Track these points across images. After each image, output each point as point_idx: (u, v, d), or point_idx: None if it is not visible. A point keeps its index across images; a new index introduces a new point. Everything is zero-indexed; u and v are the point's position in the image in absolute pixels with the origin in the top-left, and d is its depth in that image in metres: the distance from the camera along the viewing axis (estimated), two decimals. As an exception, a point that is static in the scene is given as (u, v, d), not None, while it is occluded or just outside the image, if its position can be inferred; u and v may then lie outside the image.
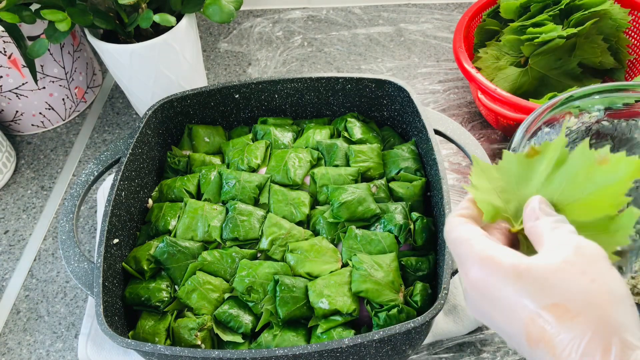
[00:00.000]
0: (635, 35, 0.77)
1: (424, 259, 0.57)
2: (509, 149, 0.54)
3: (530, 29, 0.72)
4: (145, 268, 0.58)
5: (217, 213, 0.62)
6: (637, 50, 0.77)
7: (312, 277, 0.56)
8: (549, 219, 0.33)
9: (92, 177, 0.62)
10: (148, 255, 0.59)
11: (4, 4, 0.64)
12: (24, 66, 0.75)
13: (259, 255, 0.60)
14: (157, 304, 0.56)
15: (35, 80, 0.76)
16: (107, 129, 0.87)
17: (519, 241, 0.36)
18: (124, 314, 0.56)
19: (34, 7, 0.68)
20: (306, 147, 0.69)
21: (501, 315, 0.31)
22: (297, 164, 0.65)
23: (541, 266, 0.30)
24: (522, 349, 0.31)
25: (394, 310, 0.51)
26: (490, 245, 0.33)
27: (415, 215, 0.60)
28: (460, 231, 0.34)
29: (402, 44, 0.97)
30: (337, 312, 0.52)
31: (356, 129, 0.70)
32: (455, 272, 0.50)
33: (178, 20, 0.72)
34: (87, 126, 0.87)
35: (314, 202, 0.64)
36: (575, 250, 0.30)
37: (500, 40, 0.78)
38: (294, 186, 0.65)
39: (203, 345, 0.53)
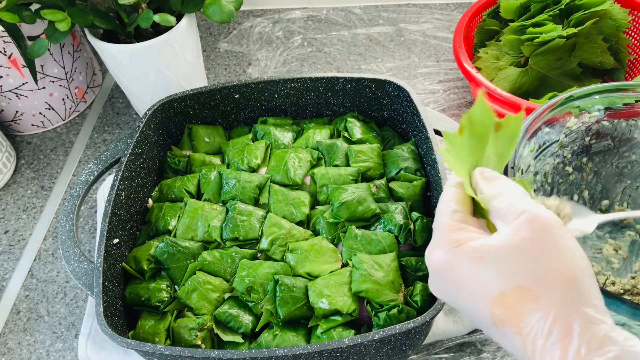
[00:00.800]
0: (635, 35, 0.77)
1: (424, 259, 0.57)
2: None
3: (530, 29, 0.72)
4: (145, 268, 0.58)
5: (217, 213, 0.62)
6: (637, 50, 0.77)
7: (312, 277, 0.56)
8: (491, 188, 0.33)
9: (92, 177, 0.62)
10: (148, 255, 0.59)
11: (4, 4, 0.64)
12: (24, 66, 0.75)
13: (259, 255, 0.60)
14: (157, 304, 0.56)
15: (35, 80, 0.76)
16: (107, 129, 0.87)
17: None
18: (124, 314, 0.56)
19: (34, 7, 0.68)
20: (306, 147, 0.69)
21: (465, 298, 0.31)
22: (297, 164, 0.65)
23: (500, 247, 0.30)
24: (489, 331, 0.31)
25: (394, 310, 0.51)
26: (457, 227, 0.33)
27: (415, 215, 0.60)
28: (441, 206, 0.35)
29: (402, 44, 0.97)
30: (337, 312, 0.52)
31: (356, 129, 0.70)
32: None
33: (178, 20, 0.72)
34: (87, 126, 0.87)
35: (314, 202, 0.64)
36: (530, 225, 0.30)
37: (500, 40, 0.78)
38: (294, 186, 0.65)
39: (203, 345, 0.53)
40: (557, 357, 0.27)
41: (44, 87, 0.80)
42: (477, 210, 0.36)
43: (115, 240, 0.58)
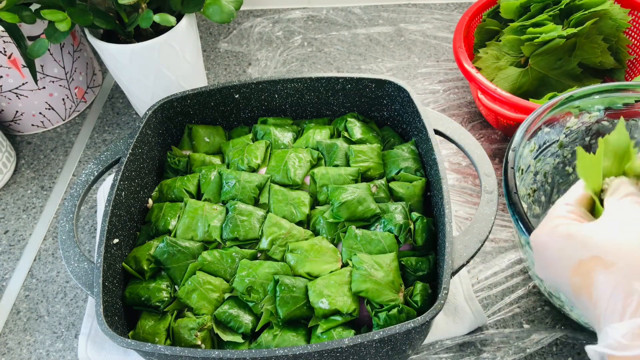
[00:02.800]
0: (635, 35, 0.77)
1: (424, 259, 0.57)
2: (508, 149, 0.54)
3: (530, 29, 0.72)
4: (145, 268, 0.58)
5: (217, 213, 0.62)
6: (637, 50, 0.77)
7: (312, 277, 0.56)
8: (619, 195, 0.37)
9: (92, 177, 0.62)
10: (148, 255, 0.59)
11: (4, 4, 0.64)
12: (24, 66, 0.75)
13: (259, 255, 0.60)
14: (157, 304, 0.56)
15: (35, 80, 0.76)
16: (107, 129, 0.87)
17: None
18: (124, 314, 0.56)
19: (34, 7, 0.68)
20: (306, 147, 0.69)
21: (554, 272, 0.37)
22: (297, 164, 0.65)
23: (589, 228, 0.35)
24: (573, 302, 0.36)
25: (394, 310, 0.51)
26: (562, 216, 0.38)
27: (415, 215, 0.60)
28: (560, 199, 0.40)
29: (402, 44, 0.97)
30: (337, 312, 0.52)
31: (356, 129, 0.70)
32: (455, 272, 0.50)
33: (178, 20, 0.72)
34: (87, 126, 0.87)
35: (314, 202, 0.64)
36: (623, 213, 0.35)
37: (500, 40, 0.78)
38: (294, 186, 0.65)
39: (203, 345, 0.53)
40: (618, 313, 0.31)
41: (44, 87, 0.80)
42: (595, 215, 0.39)
43: (115, 240, 0.58)
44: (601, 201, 0.39)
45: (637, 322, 0.30)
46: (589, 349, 0.32)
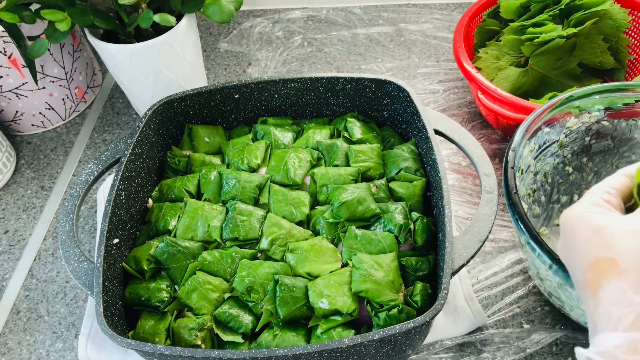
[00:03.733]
0: (635, 35, 0.77)
1: (424, 259, 0.57)
2: (508, 149, 0.54)
3: (530, 29, 0.72)
4: (145, 268, 0.58)
5: (217, 213, 0.62)
6: (637, 50, 0.77)
7: (312, 277, 0.56)
8: None
9: (92, 177, 0.62)
10: (148, 255, 0.59)
11: (4, 4, 0.64)
12: (24, 66, 0.75)
13: (259, 255, 0.60)
14: (157, 304, 0.56)
15: (35, 80, 0.76)
16: (107, 129, 0.87)
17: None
18: (124, 314, 0.56)
19: (34, 7, 0.68)
20: (306, 147, 0.69)
21: (573, 258, 0.37)
22: (297, 164, 0.65)
23: (617, 228, 0.35)
24: (579, 292, 0.37)
25: (394, 310, 0.51)
26: (599, 202, 0.38)
27: (415, 215, 0.60)
28: (601, 182, 0.40)
29: (402, 44, 0.97)
30: (337, 312, 0.52)
31: (356, 129, 0.70)
32: (455, 272, 0.50)
33: (178, 20, 0.72)
34: (87, 126, 0.87)
35: (314, 202, 0.64)
36: None
37: (500, 40, 0.78)
38: (294, 186, 0.65)
39: (203, 345, 0.53)
40: (614, 323, 0.31)
41: (44, 87, 0.80)
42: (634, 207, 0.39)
43: (115, 240, 0.58)
44: None
45: (633, 336, 0.30)
46: (580, 352, 0.32)
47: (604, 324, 0.32)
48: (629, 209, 0.40)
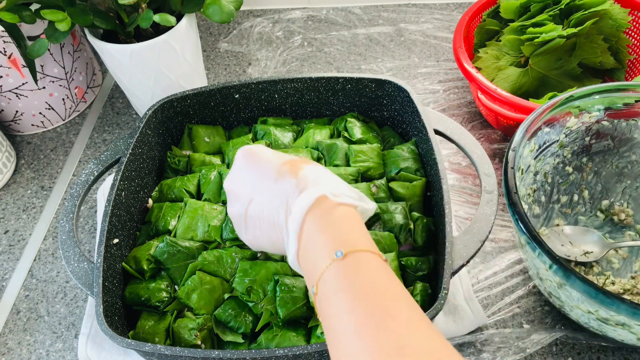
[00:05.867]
0: (635, 35, 0.77)
1: (424, 259, 0.57)
2: (508, 149, 0.54)
3: (531, 29, 0.72)
4: (145, 268, 0.58)
5: (217, 213, 0.62)
6: (637, 50, 0.77)
7: (312, 277, 0.56)
8: None
9: (92, 177, 0.62)
10: (148, 255, 0.59)
11: (4, 4, 0.64)
12: (24, 66, 0.75)
13: (259, 255, 0.60)
14: (157, 304, 0.56)
15: (35, 80, 0.76)
16: (107, 129, 0.87)
17: None
18: (124, 314, 0.56)
19: (34, 7, 0.68)
20: (306, 147, 0.69)
21: (266, 164, 0.46)
22: (297, 164, 0.65)
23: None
24: (276, 175, 0.44)
25: (394, 310, 0.51)
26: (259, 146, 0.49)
27: (415, 215, 0.60)
28: None
29: (402, 44, 0.97)
30: (337, 312, 0.52)
31: (356, 129, 0.70)
32: (455, 272, 0.50)
33: (178, 20, 0.72)
34: (87, 126, 0.87)
35: (314, 202, 0.64)
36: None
37: (500, 40, 0.78)
38: (294, 186, 0.65)
39: (203, 345, 0.53)
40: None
41: (44, 87, 0.80)
42: None
43: (115, 240, 0.58)
44: None
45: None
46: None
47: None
48: None
